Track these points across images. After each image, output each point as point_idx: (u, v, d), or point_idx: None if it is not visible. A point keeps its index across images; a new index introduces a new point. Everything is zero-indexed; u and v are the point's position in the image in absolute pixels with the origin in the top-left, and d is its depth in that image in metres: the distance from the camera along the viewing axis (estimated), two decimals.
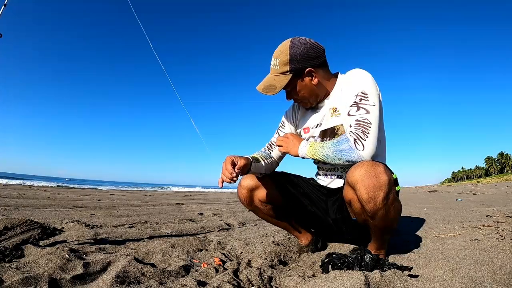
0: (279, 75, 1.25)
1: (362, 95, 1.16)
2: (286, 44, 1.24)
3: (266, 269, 1.11)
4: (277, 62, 1.24)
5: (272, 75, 1.27)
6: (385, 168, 1.04)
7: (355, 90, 1.18)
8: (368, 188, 1.01)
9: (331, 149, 1.12)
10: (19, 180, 16.97)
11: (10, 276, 0.93)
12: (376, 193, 1.01)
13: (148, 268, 1.08)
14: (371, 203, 1.02)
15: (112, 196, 7.25)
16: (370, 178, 1.01)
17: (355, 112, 1.13)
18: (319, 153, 1.15)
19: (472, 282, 0.86)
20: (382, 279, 0.85)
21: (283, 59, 1.23)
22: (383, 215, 1.04)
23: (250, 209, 1.46)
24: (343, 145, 1.10)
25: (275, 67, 1.25)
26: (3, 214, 2.49)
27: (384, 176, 1.01)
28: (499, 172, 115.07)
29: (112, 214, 3.33)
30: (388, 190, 1.02)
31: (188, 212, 4.05)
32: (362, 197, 1.03)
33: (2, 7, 1.45)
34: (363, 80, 1.20)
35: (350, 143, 1.08)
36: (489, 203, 4.13)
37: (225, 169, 1.15)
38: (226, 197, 9.46)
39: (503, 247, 1.19)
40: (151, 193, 10.88)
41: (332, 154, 1.11)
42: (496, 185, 14.28)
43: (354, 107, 1.15)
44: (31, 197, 4.87)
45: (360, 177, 1.02)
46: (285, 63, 1.22)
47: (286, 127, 1.52)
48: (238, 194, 1.43)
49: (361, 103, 1.14)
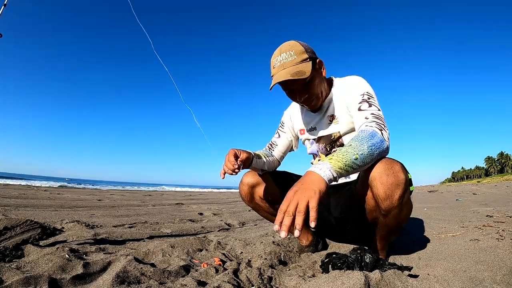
0: (300, 63, 1.18)
1: (369, 95, 1.17)
2: (291, 41, 1.23)
3: (266, 269, 1.11)
4: (291, 53, 1.18)
5: (291, 66, 1.18)
6: (402, 166, 1.02)
7: (360, 90, 1.19)
8: (386, 186, 0.99)
9: (365, 145, 0.93)
10: (19, 180, 16.97)
11: (10, 276, 0.93)
12: (394, 191, 0.98)
13: (148, 268, 1.08)
14: (387, 201, 1.00)
15: (112, 196, 7.25)
16: (389, 176, 0.98)
17: (368, 108, 1.12)
18: (350, 158, 0.89)
19: (472, 282, 0.86)
20: (382, 279, 0.85)
21: (298, 49, 1.19)
22: (397, 214, 1.04)
23: (251, 206, 1.47)
24: (375, 138, 0.96)
25: (291, 58, 1.18)
26: (3, 214, 2.49)
27: (402, 174, 0.99)
28: (499, 172, 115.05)
29: (112, 214, 3.33)
30: (405, 189, 1.00)
31: (188, 212, 4.05)
32: (379, 194, 1.01)
33: (2, 7, 1.45)
34: (365, 84, 1.22)
35: (379, 135, 0.98)
36: (489, 203, 4.13)
37: (228, 161, 1.17)
38: (226, 197, 9.46)
39: (503, 247, 1.19)
40: (151, 193, 10.88)
41: (368, 150, 0.93)
42: (496, 185, 14.28)
43: (364, 103, 1.14)
44: (31, 197, 4.87)
45: (378, 174, 0.99)
46: (302, 52, 1.19)
47: (285, 127, 1.54)
48: (240, 190, 1.45)
49: (370, 101, 1.15)
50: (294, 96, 1.27)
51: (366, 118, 1.09)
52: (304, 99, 1.26)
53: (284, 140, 1.54)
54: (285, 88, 1.26)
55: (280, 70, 1.20)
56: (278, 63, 1.20)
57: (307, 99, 1.26)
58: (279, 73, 1.19)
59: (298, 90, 1.24)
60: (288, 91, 1.27)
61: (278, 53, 1.21)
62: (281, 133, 1.54)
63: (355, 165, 0.90)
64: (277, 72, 1.21)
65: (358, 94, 1.19)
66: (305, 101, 1.27)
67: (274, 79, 1.20)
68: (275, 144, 1.54)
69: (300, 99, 1.26)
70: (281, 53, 1.20)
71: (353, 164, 0.89)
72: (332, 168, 0.86)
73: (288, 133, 1.53)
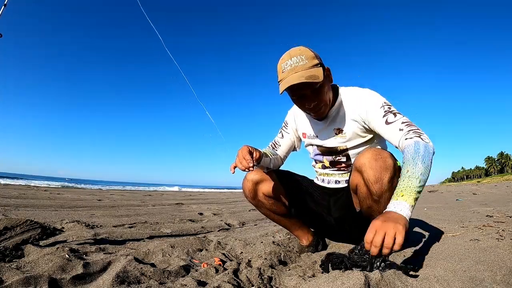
0: (312, 68, 1.15)
1: (388, 105, 1.18)
2: (300, 46, 1.20)
3: (266, 269, 1.11)
4: (302, 58, 1.15)
5: (303, 70, 1.14)
6: (390, 154, 1.10)
7: (377, 103, 1.19)
8: (374, 169, 1.05)
9: (419, 164, 0.93)
10: (19, 180, 16.97)
11: (10, 276, 0.93)
12: (383, 173, 1.05)
13: (148, 268, 1.08)
14: (377, 184, 1.05)
15: (112, 196, 7.25)
16: (377, 160, 1.05)
17: (395, 118, 1.12)
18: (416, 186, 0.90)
19: (472, 282, 0.86)
20: (382, 279, 0.85)
21: (309, 54, 1.16)
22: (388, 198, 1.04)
23: (253, 203, 1.46)
24: (421, 148, 0.97)
25: (302, 62, 1.15)
26: (3, 214, 2.49)
27: (389, 159, 1.06)
28: (499, 172, 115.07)
29: (112, 214, 3.34)
30: (394, 173, 1.06)
31: (188, 212, 4.05)
32: (369, 178, 1.06)
33: (2, 7, 1.45)
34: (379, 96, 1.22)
35: (422, 142, 0.99)
36: (489, 203, 4.13)
37: (243, 158, 1.16)
38: (226, 197, 9.46)
39: (503, 247, 1.19)
40: (151, 193, 10.87)
41: (423, 166, 0.93)
42: (496, 185, 14.28)
43: (389, 114, 1.14)
44: (31, 197, 4.87)
45: (367, 159, 1.07)
46: (312, 57, 1.16)
47: (289, 128, 1.53)
48: (243, 186, 1.44)
49: (392, 110, 1.15)
50: (303, 103, 1.23)
51: (400, 129, 1.08)
52: (313, 106, 1.21)
53: (287, 140, 1.53)
54: (294, 94, 1.21)
55: (291, 74, 1.15)
56: (289, 67, 1.16)
57: (316, 106, 1.21)
58: (291, 77, 1.14)
59: (308, 96, 1.19)
60: (297, 97, 1.22)
61: (288, 57, 1.17)
62: (285, 134, 1.54)
63: (421, 188, 0.92)
64: (287, 76, 1.16)
65: (377, 108, 1.17)
66: (314, 108, 1.22)
67: (285, 82, 1.16)
68: (278, 144, 1.54)
69: (310, 105, 1.21)
70: (291, 57, 1.16)
71: (420, 189, 0.91)
72: (409, 206, 0.87)
73: (292, 134, 1.52)
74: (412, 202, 0.88)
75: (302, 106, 1.26)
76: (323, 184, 1.44)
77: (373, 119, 1.18)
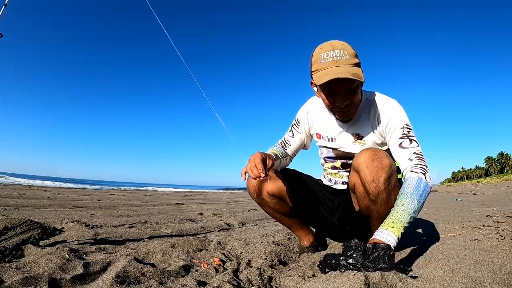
0: (354, 66, 1.10)
1: (408, 127, 1.17)
2: (342, 41, 1.15)
3: (266, 269, 1.11)
4: (345, 53, 1.10)
5: (347, 65, 1.09)
6: (387, 154, 1.10)
7: (400, 122, 1.18)
8: (371, 169, 1.06)
9: (415, 201, 0.98)
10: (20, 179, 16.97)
11: (10, 276, 0.93)
12: (379, 173, 1.05)
13: (148, 268, 1.08)
14: (374, 183, 1.06)
15: (112, 196, 7.25)
16: (374, 161, 1.06)
17: (409, 145, 1.13)
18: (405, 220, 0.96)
19: (472, 282, 0.86)
20: (382, 279, 0.85)
21: (351, 51, 1.12)
22: (385, 199, 1.07)
23: (257, 201, 1.45)
24: (421, 186, 1.01)
25: (345, 57, 1.09)
26: (3, 214, 2.49)
27: (386, 159, 1.07)
28: (499, 172, 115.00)
29: (112, 214, 3.34)
30: (390, 173, 1.07)
31: (188, 212, 4.05)
32: (366, 178, 1.07)
33: (3, 7, 1.45)
34: (404, 115, 1.20)
35: (424, 181, 1.03)
36: (489, 203, 4.13)
37: (254, 166, 1.14)
38: (226, 197, 9.47)
39: (503, 247, 1.19)
40: (151, 193, 10.87)
41: (418, 204, 0.99)
42: (496, 185, 14.28)
43: (406, 139, 1.14)
44: (31, 197, 4.87)
45: (364, 160, 1.08)
46: (354, 55, 1.12)
47: (300, 126, 1.46)
48: (247, 184, 1.42)
49: (410, 135, 1.15)
50: (336, 99, 1.15)
51: (409, 159, 1.10)
52: (345, 105, 1.15)
53: (298, 140, 1.48)
54: (333, 88, 1.12)
55: (334, 66, 1.08)
56: (331, 59, 1.09)
57: (347, 106, 1.16)
58: (336, 69, 1.07)
59: (344, 94, 1.13)
60: (334, 92, 1.14)
61: (330, 48, 1.11)
62: (295, 133, 1.48)
63: (410, 223, 0.98)
64: (329, 66, 1.09)
65: (397, 128, 1.16)
66: (345, 107, 1.16)
67: (330, 72, 1.07)
68: (288, 143, 1.49)
69: (341, 104, 1.15)
70: (334, 49, 1.10)
71: (408, 224, 0.97)
72: (396, 237, 0.94)
73: (303, 133, 1.47)
74: (399, 235, 0.94)
75: (332, 103, 1.18)
76: (330, 184, 1.44)
77: (390, 136, 1.19)
